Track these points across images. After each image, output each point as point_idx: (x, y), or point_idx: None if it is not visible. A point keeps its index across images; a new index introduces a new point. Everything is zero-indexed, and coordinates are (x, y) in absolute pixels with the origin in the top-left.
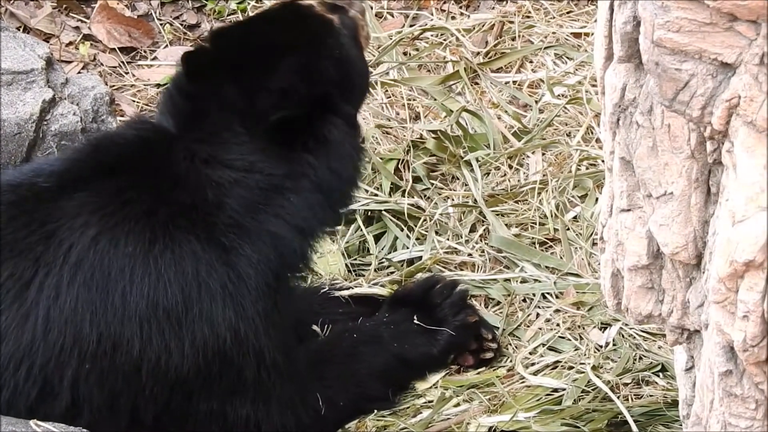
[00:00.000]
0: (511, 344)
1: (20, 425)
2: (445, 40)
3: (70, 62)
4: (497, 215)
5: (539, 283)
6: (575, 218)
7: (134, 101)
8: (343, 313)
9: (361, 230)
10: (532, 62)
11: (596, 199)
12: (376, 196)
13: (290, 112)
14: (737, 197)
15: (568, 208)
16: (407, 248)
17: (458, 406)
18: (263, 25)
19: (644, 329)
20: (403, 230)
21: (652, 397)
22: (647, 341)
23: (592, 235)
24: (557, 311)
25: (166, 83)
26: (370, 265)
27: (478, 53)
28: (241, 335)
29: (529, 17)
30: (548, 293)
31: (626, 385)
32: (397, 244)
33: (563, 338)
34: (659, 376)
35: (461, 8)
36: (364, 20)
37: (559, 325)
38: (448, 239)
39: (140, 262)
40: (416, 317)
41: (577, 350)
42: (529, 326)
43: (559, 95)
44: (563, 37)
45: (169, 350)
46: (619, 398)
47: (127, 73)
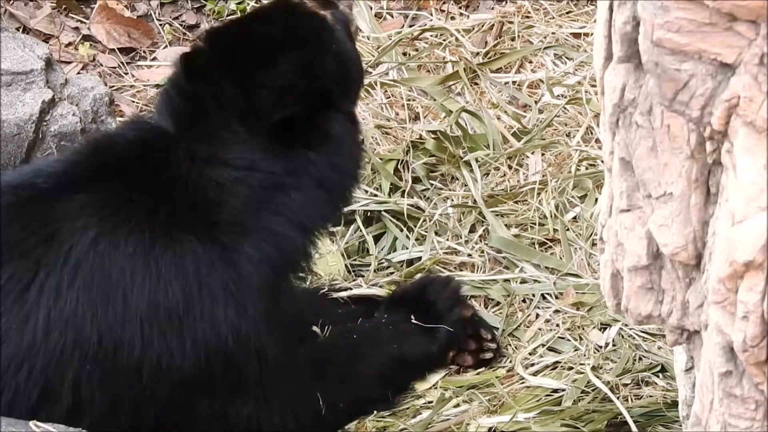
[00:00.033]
0: (510, 345)
1: (20, 426)
2: (444, 40)
3: (69, 63)
4: (497, 216)
5: (539, 283)
6: (575, 219)
7: (134, 102)
8: (342, 313)
9: (360, 231)
10: (531, 62)
11: (596, 199)
12: (375, 196)
13: (291, 110)
14: (737, 197)
15: (567, 208)
16: (407, 249)
17: (458, 406)
18: (258, 23)
19: (644, 330)
20: (402, 231)
21: (651, 397)
22: (647, 342)
23: (591, 235)
24: (557, 312)
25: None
26: (369, 265)
27: (477, 53)
28: (242, 335)
29: (528, 17)
30: (548, 294)
31: (626, 385)
32: (396, 244)
33: (563, 339)
34: (659, 376)
35: (460, 8)
36: (352, 14)
37: (558, 325)
38: (447, 240)
39: (141, 262)
40: (413, 317)
41: (576, 351)
42: (528, 327)
43: (558, 95)
44: (563, 37)
45: (170, 351)
46: (618, 399)
47: (126, 73)
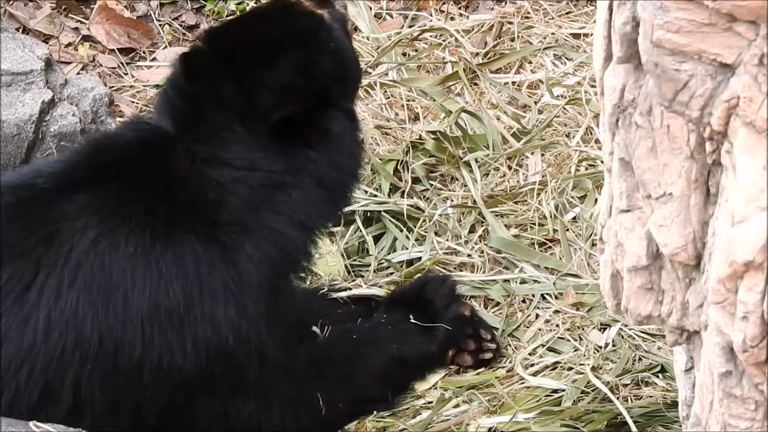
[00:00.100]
0: (510, 345)
1: (20, 426)
2: (444, 41)
3: (69, 63)
4: (496, 216)
5: (539, 283)
6: (574, 219)
7: (133, 102)
8: (341, 314)
9: (360, 231)
10: (531, 63)
11: (595, 199)
12: (375, 196)
13: (292, 109)
14: (737, 198)
15: (567, 208)
16: (406, 249)
17: (458, 407)
18: (256, 23)
19: (644, 330)
20: (402, 231)
21: (651, 397)
22: (647, 342)
23: (591, 235)
24: (557, 312)
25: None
26: (369, 266)
27: (477, 54)
28: (243, 334)
29: (528, 18)
30: (548, 294)
31: (626, 385)
32: (396, 244)
33: (563, 339)
34: (659, 376)
35: (460, 9)
36: (347, 13)
37: (558, 325)
38: (447, 240)
39: (141, 262)
40: (412, 316)
41: (576, 351)
42: (528, 327)
43: (558, 96)
44: (562, 37)
45: (171, 351)
46: (618, 399)
47: (126, 74)
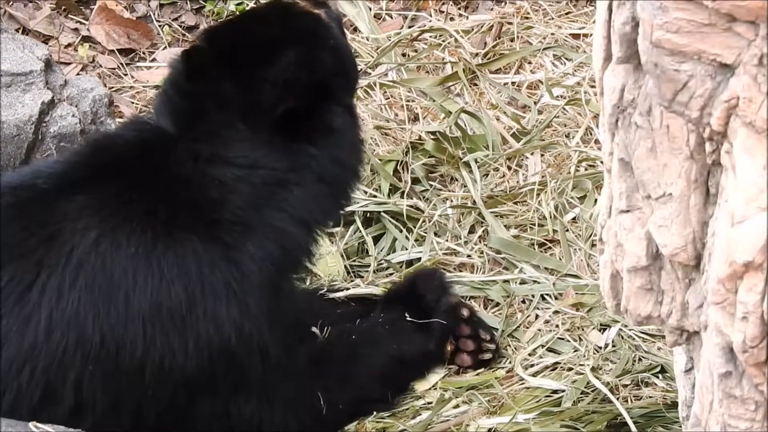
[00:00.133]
0: (510, 345)
1: (20, 427)
2: (443, 41)
3: (69, 64)
4: (496, 216)
5: (538, 284)
6: (574, 219)
7: (133, 103)
8: (340, 314)
9: (360, 232)
10: (530, 63)
11: (595, 200)
12: (375, 197)
13: (295, 103)
14: (736, 198)
15: (567, 209)
16: (406, 250)
17: (458, 407)
18: (256, 22)
19: (644, 330)
20: (402, 231)
21: (651, 398)
22: (647, 342)
23: (591, 236)
24: (556, 312)
25: None
26: (369, 266)
27: (476, 54)
28: (245, 333)
29: (527, 18)
30: (547, 294)
31: (626, 386)
32: (396, 245)
33: (562, 339)
34: (659, 377)
35: (460, 9)
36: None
37: (558, 326)
38: (447, 240)
39: (143, 262)
40: (407, 314)
41: (576, 351)
42: (528, 327)
43: (557, 96)
44: (562, 38)
45: (173, 350)
46: (618, 400)
47: (126, 74)
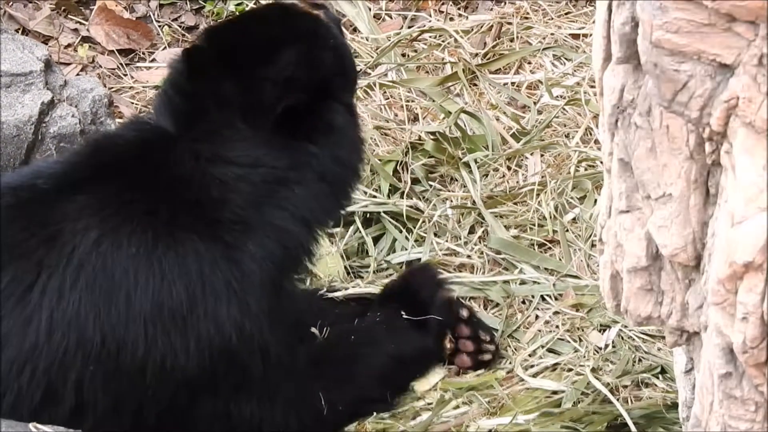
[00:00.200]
0: (510, 346)
1: (20, 428)
2: (443, 41)
3: (68, 64)
4: (496, 217)
5: (538, 284)
6: (574, 220)
7: (133, 103)
8: (338, 314)
9: (359, 232)
10: (530, 63)
11: (595, 200)
12: (374, 197)
13: (296, 100)
14: (736, 198)
15: (567, 209)
16: (406, 250)
17: (458, 408)
18: (256, 22)
19: (644, 331)
20: (401, 232)
21: (651, 399)
22: (647, 343)
23: (591, 236)
24: (556, 313)
25: None
26: (369, 267)
27: (476, 54)
28: (246, 333)
29: (527, 18)
30: (547, 295)
31: (626, 387)
32: (396, 245)
33: (562, 340)
34: (659, 378)
35: (459, 10)
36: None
37: (558, 327)
38: (446, 241)
39: (144, 262)
40: (403, 312)
41: (576, 352)
42: (528, 328)
43: (557, 96)
44: (562, 38)
45: (174, 350)
46: (618, 400)
47: (125, 75)
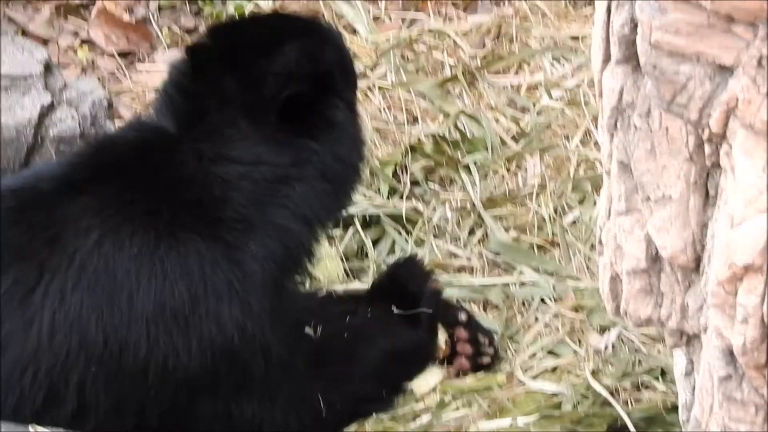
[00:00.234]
0: (509, 348)
1: (19, 429)
2: (442, 43)
3: (68, 66)
4: (495, 219)
5: (538, 287)
6: (574, 222)
7: (132, 105)
8: (331, 312)
9: (359, 234)
10: (529, 65)
11: (594, 202)
12: (374, 199)
13: (299, 88)
14: (736, 200)
15: (566, 211)
16: (405, 252)
17: (457, 410)
18: (258, 21)
19: (643, 333)
20: (401, 234)
21: (651, 401)
22: (647, 345)
23: (590, 238)
24: (556, 315)
25: None
26: (368, 269)
27: (475, 56)
28: (248, 333)
29: (526, 20)
30: (547, 297)
31: (626, 389)
32: (395, 247)
33: (562, 342)
34: (659, 380)
35: (458, 11)
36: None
37: (558, 329)
38: (446, 243)
39: (146, 263)
40: (394, 306)
41: (576, 354)
42: (527, 330)
43: (557, 98)
44: (561, 39)
45: (176, 350)
46: (618, 402)
47: (125, 77)
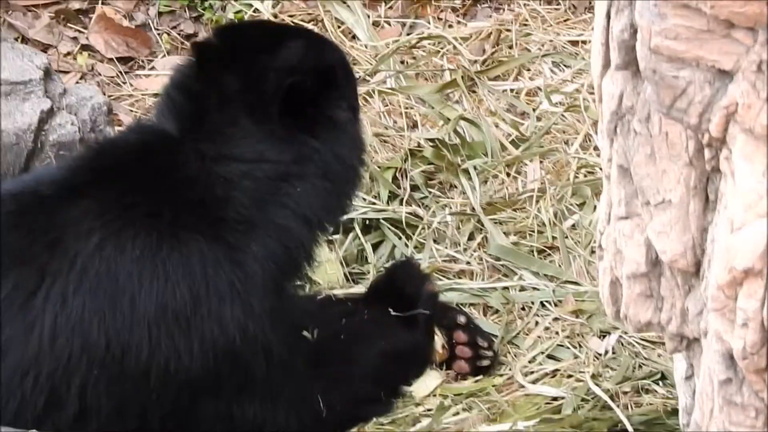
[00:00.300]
0: (510, 352)
1: None
2: (442, 48)
3: (68, 72)
4: (495, 223)
5: (538, 291)
6: (573, 226)
7: (132, 111)
8: (328, 314)
9: (359, 239)
10: (529, 70)
11: (594, 206)
12: (374, 204)
13: (300, 82)
14: (736, 204)
15: (566, 215)
16: (405, 256)
17: (457, 414)
18: (263, 22)
19: (644, 337)
20: (401, 239)
21: (651, 405)
22: (647, 349)
23: (590, 243)
24: (556, 319)
25: None
26: (368, 273)
27: (475, 61)
28: (250, 334)
29: (526, 25)
30: (547, 301)
31: (626, 393)
32: (395, 252)
33: (562, 346)
34: (659, 384)
35: (458, 17)
36: None
37: (558, 333)
38: (446, 247)
39: (148, 265)
40: (391, 308)
41: (576, 358)
42: (528, 334)
43: (556, 103)
44: (560, 44)
45: (178, 352)
46: (618, 407)
47: (125, 82)
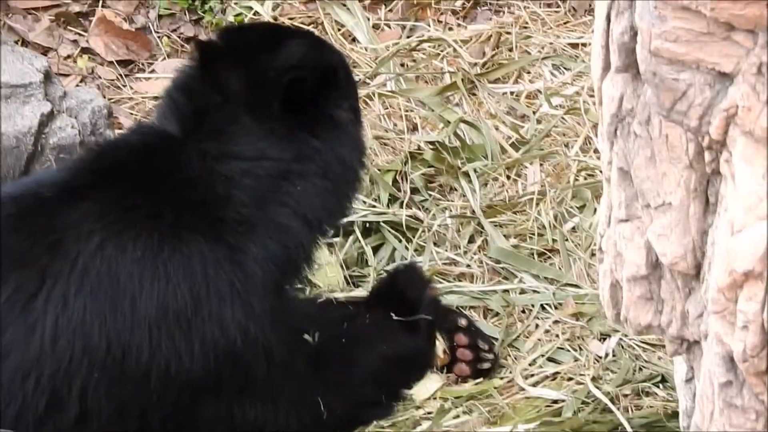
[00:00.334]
0: (510, 355)
1: None
2: (442, 51)
3: (68, 75)
4: (495, 226)
5: (538, 294)
6: (574, 229)
7: (132, 114)
8: (329, 318)
9: (359, 242)
10: (529, 73)
11: (595, 209)
12: (374, 207)
13: (301, 74)
14: (736, 207)
15: (566, 218)
16: (406, 259)
17: (458, 417)
18: (266, 25)
19: (644, 340)
20: (401, 241)
21: (652, 408)
22: (647, 352)
23: (590, 245)
24: (556, 322)
25: None
26: (368, 276)
27: (475, 64)
28: (251, 335)
29: (526, 28)
30: (547, 304)
31: (626, 396)
32: (395, 255)
33: (562, 349)
34: (659, 387)
35: (458, 19)
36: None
37: (558, 336)
38: (446, 250)
39: (149, 266)
40: (393, 313)
41: (576, 361)
42: (528, 337)
43: (556, 106)
44: (560, 47)
45: (179, 354)
46: (619, 409)
47: (125, 85)
